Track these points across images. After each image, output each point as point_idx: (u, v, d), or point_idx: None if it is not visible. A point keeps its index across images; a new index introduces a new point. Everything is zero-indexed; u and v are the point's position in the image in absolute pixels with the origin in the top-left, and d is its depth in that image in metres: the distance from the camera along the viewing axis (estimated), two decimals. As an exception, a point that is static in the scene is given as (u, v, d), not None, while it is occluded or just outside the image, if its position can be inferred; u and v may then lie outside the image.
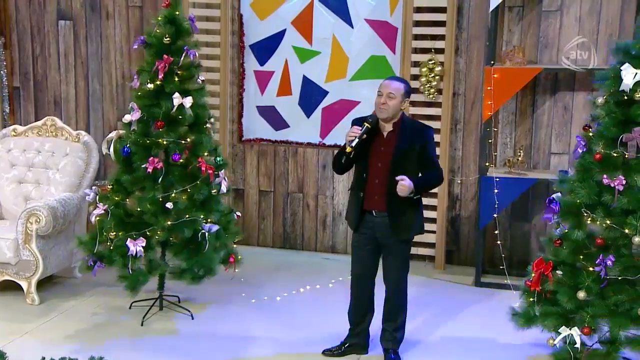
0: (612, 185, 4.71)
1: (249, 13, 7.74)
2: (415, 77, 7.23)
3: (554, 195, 5.25)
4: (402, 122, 5.25)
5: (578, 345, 4.76)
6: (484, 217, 6.86)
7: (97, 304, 6.37)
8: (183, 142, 5.76)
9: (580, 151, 4.98)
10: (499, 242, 6.87)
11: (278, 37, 7.71)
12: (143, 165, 5.69)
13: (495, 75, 6.64)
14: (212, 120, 5.99)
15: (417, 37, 7.23)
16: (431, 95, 7.13)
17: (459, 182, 7.35)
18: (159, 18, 5.84)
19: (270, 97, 7.80)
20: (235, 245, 6.19)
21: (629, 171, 4.75)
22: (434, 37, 7.18)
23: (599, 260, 4.74)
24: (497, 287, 6.88)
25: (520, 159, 6.88)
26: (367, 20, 7.48)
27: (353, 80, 7.61)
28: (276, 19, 7.70)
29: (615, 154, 4.77)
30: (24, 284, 6.31)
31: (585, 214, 4.91)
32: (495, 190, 6.70)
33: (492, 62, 6.77)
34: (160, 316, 6.12)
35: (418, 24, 7.22)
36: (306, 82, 7.71)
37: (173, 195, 5.70)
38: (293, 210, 7.88)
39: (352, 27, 7.53)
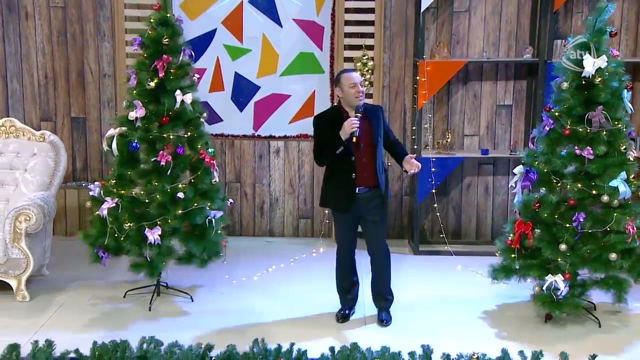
0: (583, 154, 5.77)
1: (179, 13, 8.03)
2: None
3: (516, 168, 6.29)
4: (364, 106, 5.94)
5: (562, 289, 5.77)
6: (421, 192, 7.77)
7: (87, 296, 6.52)
8: (185, 135, 6.12)
9: (548, 128, 5.99)
10: (437, 214, 7.83)
11: (209, 36, 8.11)
12: (153, 159, 5.99)
13: (428, 68, 7.55)
14: (204, 114, 6.37)
15: (347, 35, 7.98)
16: (365, 88, 7.91)
17: (389, 164, 8.19)
18: (152, 20, 6.14)
19: (203, 93, 8.13)
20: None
21: (594, 143, 5.82)
22: (363, 35, 7.97)
23: (575, 217, 5.80)
24: (433, 254, 7.83)
25: (449, 140, 7.88)
26: (295, 20, 8.10)
27: (283, 76, 8.20)
28: (206, 19, 8.09)
29: (581, 129, 5.84)
30: (13, 282, 6.34)
31: (555, 181, 5.96)
32: (433, 169, 7.63)
33: (423, 56, 7.68)
34: (161, 302, 6.42)
35: (347, 23, 7.97)
36: (238, 78, 8.19)
37: (180, 186, 6.04)
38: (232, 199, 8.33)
39: (281, 27, 8.11)
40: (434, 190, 7.74)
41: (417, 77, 7.60)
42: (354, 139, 5.75)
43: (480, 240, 8.28)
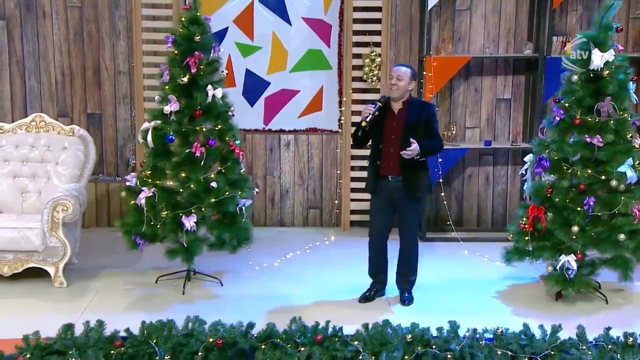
0: (593, 142, 6.19)
1: (192, 12, 8.38)
2: (354, 68, 8.35)
3: (527, 157, 6.71)
4: (410, 100, 6.33)
5: (574, 268, 6.19)
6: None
7: (120, 282, 6.83)
8: (216, 128, 6.45)
9: (558, 119, 6.41)
10: (445, 202, 8.22)
11: (220, 34, 8.39)
12: (187, 150, 6.30)
13: (434, 64, 7.95)
14: (232, 108, 6.69)
15: (354, 32, 8.34)
16: (373, 82, 8.29)
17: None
18: (183, 19, 6.45)
19: (215, 89, 8.51)
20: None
21: (602, 131, 6.25)
22: (370, 33, 8.33)
23: (585, 201, 6.22)
24: (440, 241, 8.23)
25: (454, 132, 8.27)
26: (304, 19, 8.45)
27: (293, 72, 8.54)
28: (218, 17, 8.37)
29: (590, 119, 6.27)
30: (51, 270, 6.63)
31: (565, 167, 6.38)
32: (440, 159, 8.01)
33: (427, 52, 8.07)
34: (191, 286, 6.74)
35: (355, 21, 8.33)
36: (249, 74, 8.51)
37: (212, 175, 6.37)
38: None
39: (291, 25, 8.46)
40: (440, 180, 8.14)
41: (424, 72, 7.99)
42: (364, 124, 6.13)
43: (482, 227, 8.70)
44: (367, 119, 6.14)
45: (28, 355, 5.11)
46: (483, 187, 8.72)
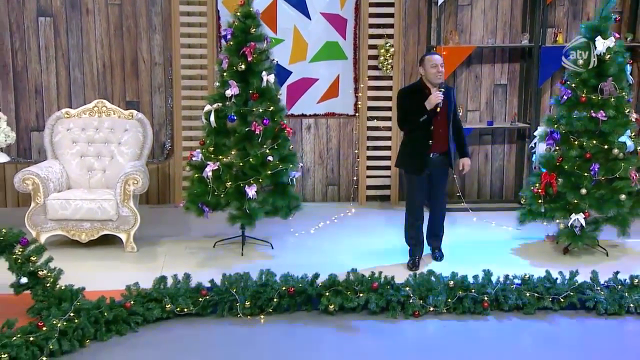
0: (598, 117, 7.24)
1: (222, 9, 9.21)
2: (370, 57, 9.30)
3: (537, 131, 7.77)
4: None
5: (584, 224, 7.24)
6: (439, 159, 9.15)
7: (181, 247, 7.72)
8: (269, 109, 7.32)
9: (566, 97, 7.43)
10: (455, 176, 9.21)
11: (247, 28, 9.29)
12: (247, 129, 7.18)
13: (444, 53, 8.92)
14: (280, 91, 7.57)
15: (369, 25, 9.29)
16: (387, 70, 9.24)
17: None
18: (238, 14, 7.31)
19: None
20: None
21: (605, 107, 7.29)
22: (384, 26, 9.28)
23: (591, 167, 7.27)
24: (449, 210, 9.17)
25: (461, 113, 9.26)
26: (322, 14, 9.37)
27: (312, 62, 9.47)
28: (245, 13, 9.28)
29: (594, 97, 7.31)
30: (123, 236, 7.49)
31: (573, 139, 7.42)
32: (449, 139, 8.99)
33: (437, 43, 9.06)
34: (246, 249, 7.63)
35: (370, 15, 9.27)
36: (273, 64, 9.42)
37: (268, 151, 7.25)
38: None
39: (310, 19, 9.38)
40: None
41: (435, 61, 8.98)
42: (438, 109, 6.93)
43: (482, 199, 9.74)
44: (441, 105, 6.91)
45: (132, 302, 5.97)
46: (482, 164, 9.74)
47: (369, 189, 9.62)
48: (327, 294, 6.27)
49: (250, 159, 7.20)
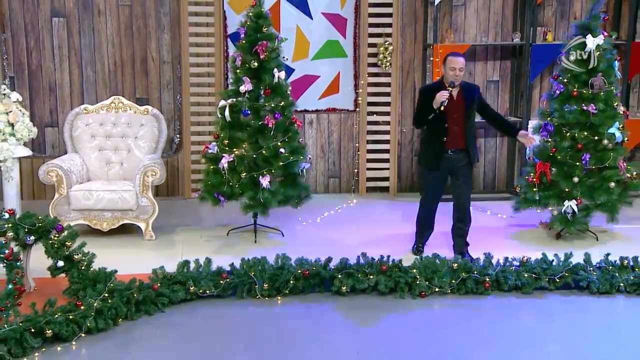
0: (589, 110, 7.72)
1: (227, 9, 9.63)
2: (369, 55, 9.76)
3: (530, 124, 8.26)
4: (462, 83, 7.47)
5: (576, 210, 7.73)
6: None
7: (197, 235, 8.16)
8: (280, 104, 7.75)
9: (559, 92, 7.91)
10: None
11: (252, 27, 9.72)
12: (260, 122, 7.61)
13: (441, 51, 9.39)
14: (290, 88, 7.99)
15: (369, 25, 9.73)
16: (387, 68, 9.70)
17: (404, 130, 10.00)
18: (250, 14, 7.73)
19: (249, 76, 9.80)
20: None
21: (595, 101, 7.79)
22: (382, 25, 9.73)
23: (583, 157, 7.76)
24: (445, 201, 9.58)
25: (456, 109, 9.73)
26: (323, 13, 9.82)
27: (314, 60, 9.92)
28: (250, 13, 9.71)
29: (585, 91, 7.80)
30: (142, 225, 7.92)
31: (565, 131, 7.90)
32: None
33: (434, 41, 9.52)
34: (259, 237, 8.06)
35: (369, 15, 9.72)
36: (277, 62, 9.85)
37: (279, 143, 7.68)
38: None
39: (312, 19, 9.82)
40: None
41: (432, 59, 9.47)
42: (442, 108, 7.19)
43: (475, 190, 10.17)
44: (445, 104, 7.17)
45: (159, 284, 6.39)
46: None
47: (369, 181, 10.06)
48: (340, 276, 6.73)
49: (263, 151, 7.62)
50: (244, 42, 7.73)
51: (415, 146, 10.10)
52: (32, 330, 5.45)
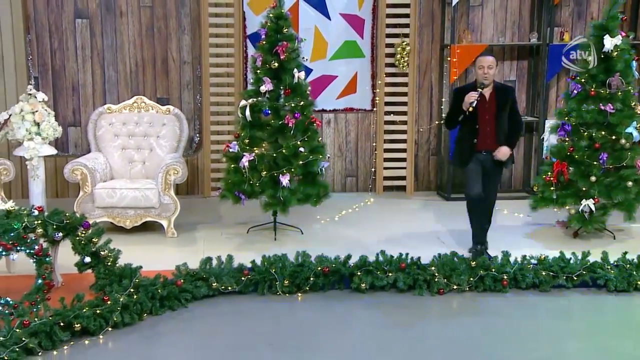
0: (606, 109, 7.80)
1: (247, 10, 9.76)
2: (387, 55, 9.85)
3: (548, 123, 8.34)
4: (495, 84, 7.48)
5: (593, 209, 7.81)
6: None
7: (217, 233, 8.28)
8: (300, 104, 7.86)
9: (576, 92, 7.98)
10: (467, 167, 9.75)
11: (271, 28, 9.84)
12: (280, 122, 7.72)
13: (458, 51, 9.49)
14: (309, 88, 8.10)
15: (386, 25, 9.84)
16: (404, 68, 9.79)
17: (421, 129, 10.10)
18: (271, 15, 7.84)
19: (268, 76, 9.92)
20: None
21: (612, 100, 7.86)
22: (400, 25, 9.83)
23: (600, 156, 7.84)
24: (460, 200, 9.66)
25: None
26: (341, 14, 9.94)
27: (332, 60, 10.05)
28: (268, 14, 9.83)
29: (602, 91, 7.87)
30: (164, 222, 8.06)
31: (582, 130, 7.98)
32: (462, 132, 9.54)
33: (451, 42, 9.61)
34: (278, 235, 8.18)
35: (387, 15, 9.82)
36: (296, 62, 9.97)
37: (299, 142, 7.79)
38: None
39: (330, 20, 9.94)
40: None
41: (449, 59, 9.56)
42: (471, 109, 7.21)
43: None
44: (474, 105, 7.21)
45: (182, 280, 6.51)
46: (493, 156, 10.30)
47: (386, 180, 10.17)
48: (359, 273, 6.82)
49: (283, 150, 7.74)
50: (264, 42, 7.84)
51: (432, 145, 10.21)
52: (61, 324, 5.58)
